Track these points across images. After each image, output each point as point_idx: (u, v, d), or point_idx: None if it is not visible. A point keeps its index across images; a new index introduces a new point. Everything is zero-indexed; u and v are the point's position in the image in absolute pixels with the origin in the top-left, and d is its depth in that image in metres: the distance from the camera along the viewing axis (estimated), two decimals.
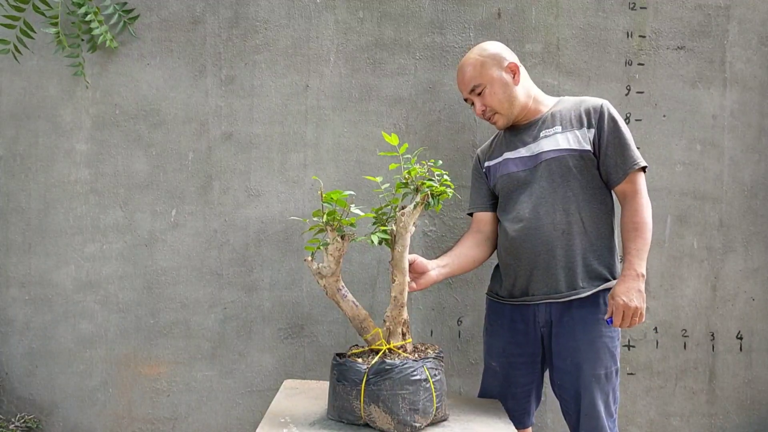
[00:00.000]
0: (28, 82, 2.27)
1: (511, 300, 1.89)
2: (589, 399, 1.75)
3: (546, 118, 1.84)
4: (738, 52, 2.31)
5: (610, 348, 1.77)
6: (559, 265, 1.78)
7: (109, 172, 2.28)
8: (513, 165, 1.85)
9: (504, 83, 1.80)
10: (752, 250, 2.35)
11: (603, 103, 1.80)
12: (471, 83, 1.81)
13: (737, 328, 2.35)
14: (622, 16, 2.29)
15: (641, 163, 1.76)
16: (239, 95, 2.28)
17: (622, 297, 1.66)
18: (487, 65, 1.80)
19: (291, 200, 2.29)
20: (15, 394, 2.28)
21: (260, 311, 2.30)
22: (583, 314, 1.77)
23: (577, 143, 1.77)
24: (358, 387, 1.55)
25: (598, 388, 1.75)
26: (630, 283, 1.67)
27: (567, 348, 1.78)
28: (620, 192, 1.79)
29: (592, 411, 1.74)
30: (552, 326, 1.81)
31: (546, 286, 1.80)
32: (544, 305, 1.81)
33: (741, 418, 2.36)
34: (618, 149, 1.76)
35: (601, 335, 1.76)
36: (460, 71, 1.84)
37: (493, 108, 1.82)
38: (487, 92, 1.80)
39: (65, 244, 2.28)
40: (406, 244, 1.62)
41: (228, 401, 2.30)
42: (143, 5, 2.26)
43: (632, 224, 1.74)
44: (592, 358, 1.74)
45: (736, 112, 2.32)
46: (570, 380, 1.78)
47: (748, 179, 2.34)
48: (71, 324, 2.28)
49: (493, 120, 1.85)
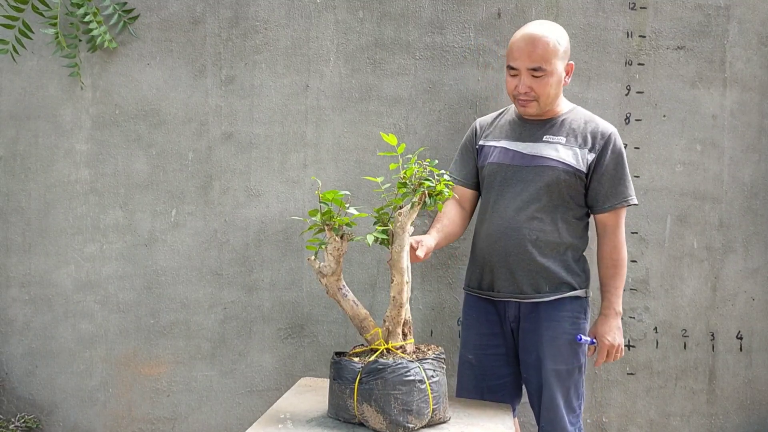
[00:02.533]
0: (28, 82, 2.27)
1: (480, 292, 1.91)
2: (549, 393, 1.80)
3: (554, 123, 1.83)
4: (738, 52, 2.31)
5: (573, 346, 1.82)
6: (525, 269, 1.81)
7: (109, 172, 2.28)
8: (507, 156, 1.84)
9: (560, 80, 1.78)
10: (752, 250, 2.35)
11: (612, 131, 1.82)
12: (538, 62, 1.72)
13: (737, 328, 2.36)
14: (622, 16, 2.29)
15: (632, 201, 1.81)
16: (239, 95, 2.28)
17: (607, 337, 1.80)
18: (559, 55, 1.74)
19: (291, 200, 2.29)
20: (15, 394, 2.28)
21: (260, 311, 2.30)
22: (548, 312, 1.81)
23: (575, 161, 1.78)
24: (351, 385, 1.56)
25: (559, 383, 1.80)
26: (611, 322, 1.81)
27: (532, 343, 1.83)
28: (601, 221, 1.84)
29: (551, 404, 1.80)
30: (520, 321, 1.86)
31: (511, 285, 1.83)
32: (513, 302, 1.85)
33: (741, 418, 2.36)
34: (614, 181, 1.79)
35: (565, 332, 1.81)
36: (530, 42, 1.71)
37: (539, 95, 1.76)
38: (544, 79, 1.74)
39: (65, 244, 2.28)
40: (404, 244, 1.62)
41: (228, 401, 2.30)
42: (143, 5, 2.26)
43: (612, 261, 1.82)
44: (553, 354, 1.80)
45: (736, 112, 2.32)
46: (533, 374, 1.84)
47: (748, 179, 2.34)
48: (71, 324, 2.28)
49: (527, 105, 1.78)
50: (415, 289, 2.29)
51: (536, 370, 1.83)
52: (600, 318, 1.82)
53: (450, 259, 2.30)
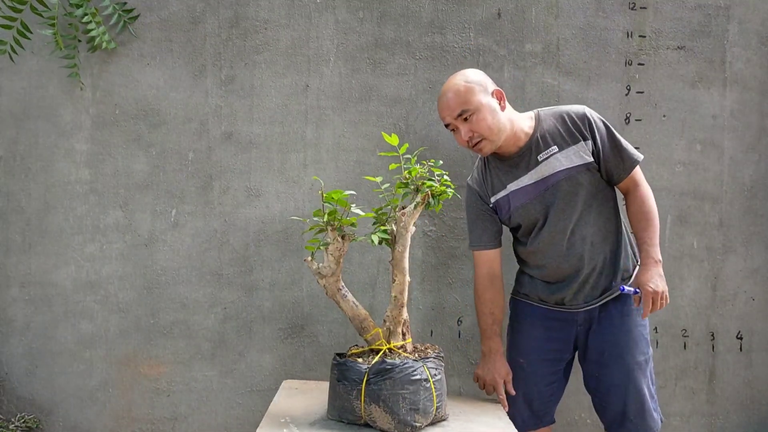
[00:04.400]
0: (28, 82, 2.26)
1: (542, 303, 1.94)
2: (635, 386, 1.84)
3: (536, 141, 1.84)
4: (738, 52, 2.31)
5: (645, 335, 1.88)
6: (594, 276, 1.85)
7: (109, 172, 2.28)
8: (523, 195, 1.86)
9: (492, 109, 1.78)
10: (752, 250, 2.35)
11: (584, 110, 1.84)
12: (459, 108, 1.76)
13: (737, 328, 2.36)
14: (622, 16, 2.29)
15: (639, 158, 1.85)
16: (239, 95, 2.28)
17: (649, 284, 1.76)
18: (475, 91, 1.77)
19: (291, 200, 2.29)
20: (15, 394, 2.28)
21: (260, 311, 2.30)
22: (619, 308, 1.86)
23: (579, 158, 1.81)
24: (358, 387, 1.56)
25: (641, 374, 1.85)
26: (652, 270, 1.78)
27: (605, 342, 1.86)
28: (622, 188, 1.89)
29: (638, 396, 1.84)
30: (591, 324, 1.89)
31: (584, 296, 1.87)
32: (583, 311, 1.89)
33: (741, 418, 2.36)
34: (615, 151, 1.83)
35: (637, 324, 1.86)
36: (444, 97, 1.79)
37: (482, 134, 1.77)
38: (475, 118, 1.76)
39: (65, 244, 2.28)
40: (407, 244, 1.62)
41: (228, 401, 2.30)
42: (143, 5, 2.26)
43: (641, 214, 1.84)
44: (631, 346, 1.84)
45: (736, 112, 2.32)
46: (610, 372, 1.86)
47: (748, 179, 2.34)
48: (71, 324, 2.28)
49: (479, 146, 1.80)
50: (414, 290, 2.29)
51: (614, 367, 1.85)
52: (640, 269, 1.81)
53: (450, 259, 2.30)
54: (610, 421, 1.89)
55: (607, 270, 1.86)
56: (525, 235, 1.92)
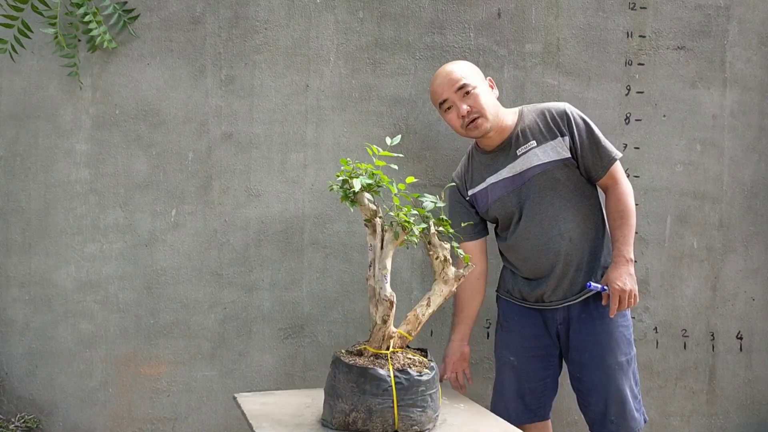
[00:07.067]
0: (28, 82, 2.26)
1: (523, 302, 1.95)
2: (616, 387, 1.84)
3: (516, 135, 1.87)
4: (738, 52, 2.31)
5: (626, 336, 1.87)
6: (572, 271, 1.85)
7: (109, 172, 2.28)
8: (500, 188, 1.88)
9: (488, 92, 1.86)
10: (752, 250, 2.35)
11: (565, 107, 1.87)
12: (461, 81, 1.81)
13: (737, 328, 2.36)
14: (622, 16, 2.29)
15: (617, 156, 1.86)
16: (239, 95, 2.28)
17: (617, 282, 1.77)
18: (475, 70, 1.87)
19: (291, 200, 2.29)
20: (15, 394, 2.28)
21: (260, 311, 2.30)
22: (600, 309, 1.85)
23: (556, 153, 1.83)
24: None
25: (623, 375, 1.85)
26: (621, 268, 1.79)
27: (586, 341, 1.86)
28: (603, 184, 1.90)
29: (619, 397, 1.84)
30: (570, 323, 1.89)
31: (563, 292, 1.87)
32: (562, 307, 1.89)
33: (741, 418, 2.37)
34: (593, 148, 1.84)
35: (618, 326, 1.86)
36: (445, 74, 1.84)
37: (479, 110, 1.80)
38: (474, 93, 1.81)
39: (65, 244, 2.28)
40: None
41: (228, 401, 2.30)
42: (143, 5, 2.26)
43: (617, 212, 1.85)
44: (612, 347, 1.84)
45: (736, 112, 2.32)
46: (590, 372, 1.86)
47: (748, 179, 2.34)
48: (71, 324, 2.28)
49: (475, 123, 1.82)
50: (414, 290, 2.29)
51: (594, 367, 1.85)
52: (611, 266, 1.83)
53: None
54: (591, 421, 1.91)
55: (585, 266, 1.86)
56: (503, 230, 1.94)
